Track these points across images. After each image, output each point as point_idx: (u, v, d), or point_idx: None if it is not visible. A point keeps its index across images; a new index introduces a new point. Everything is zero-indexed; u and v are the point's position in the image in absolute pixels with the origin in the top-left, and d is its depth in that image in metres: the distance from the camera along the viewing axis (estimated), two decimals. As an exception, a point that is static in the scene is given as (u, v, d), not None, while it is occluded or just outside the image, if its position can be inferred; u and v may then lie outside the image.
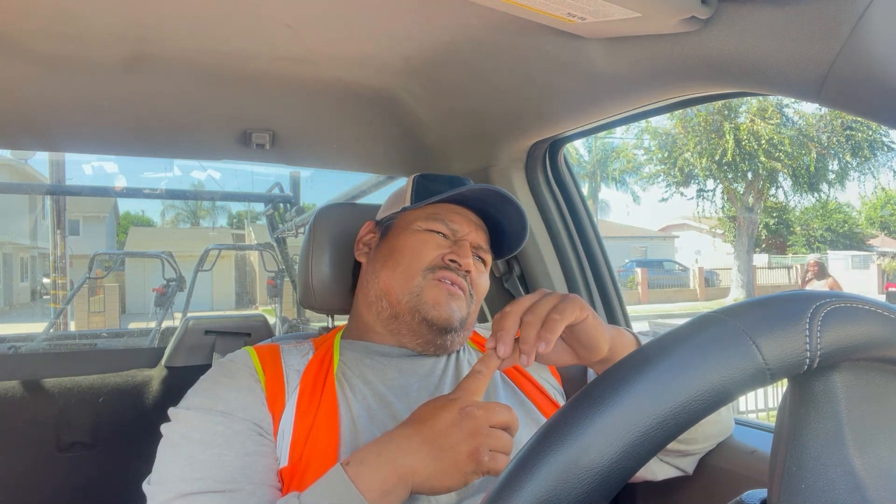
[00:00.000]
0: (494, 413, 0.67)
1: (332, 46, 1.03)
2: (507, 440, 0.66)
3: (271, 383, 0.84)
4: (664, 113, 1.03)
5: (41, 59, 1.04)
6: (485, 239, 0.98)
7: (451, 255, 0.91)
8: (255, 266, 16.93)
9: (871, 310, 0.37)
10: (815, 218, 24.60)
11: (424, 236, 0.93)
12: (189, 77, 1.14)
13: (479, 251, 0.97)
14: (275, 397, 0.82)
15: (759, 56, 0.68)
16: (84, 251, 9.22)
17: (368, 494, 0.62)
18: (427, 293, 0.89)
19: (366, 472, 0.65)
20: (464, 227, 0.95)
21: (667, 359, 0.36)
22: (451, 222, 0.94)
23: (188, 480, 0.71)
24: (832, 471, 0.37)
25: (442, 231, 0.94)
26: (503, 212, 0.97)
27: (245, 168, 11.33)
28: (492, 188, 0.92)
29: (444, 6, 0.87)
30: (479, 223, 0.98)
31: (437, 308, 0.88)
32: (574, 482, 0.33)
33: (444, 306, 0.88)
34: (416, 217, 0.95)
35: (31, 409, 1.52)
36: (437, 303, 0.88)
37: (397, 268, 0.92)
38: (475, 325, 1.08)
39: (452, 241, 0.94)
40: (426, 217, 0.95)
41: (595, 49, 0.86)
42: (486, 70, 1.05)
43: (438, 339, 0.90)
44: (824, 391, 0.38)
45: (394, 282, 0.91)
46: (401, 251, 0.93)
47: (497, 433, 0.65)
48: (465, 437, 0.64)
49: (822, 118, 15.75)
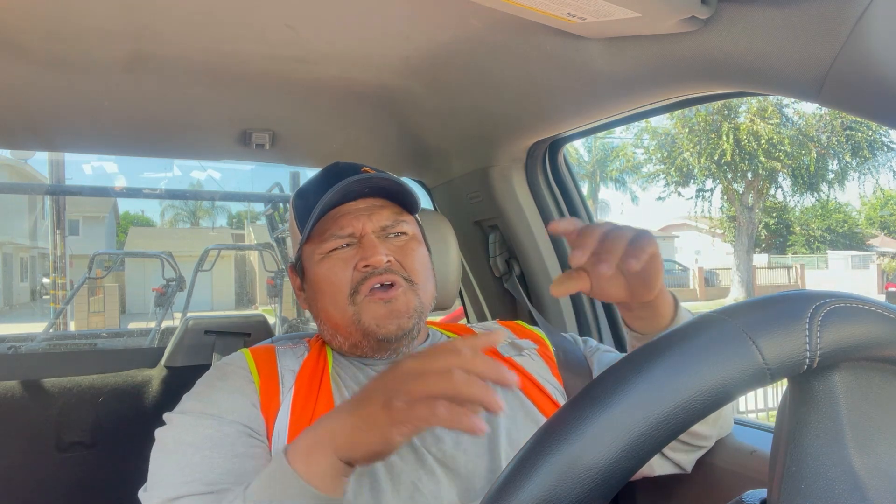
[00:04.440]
0: (430, 358, 0.57)
1: (331, 46, 1.03)
2: (435, 384, 0.55)
3: (266, 385, 0.85)
4: (664, 113, 1.03)
5: (41, 59, 1.04)
6: (390, 211, 0.90)
7: (362, 261, 0.85)
8: (255, 266, 16.93)
9: (870, 310, 0.37)
10: (814, 218, 24.60)
11: (329, 262, 0.88)
12: (189, 77, 1.14)
13: (389, 228, 0.89)
14: (269, 399, 0.83)
15: (759, 56, 0.68)
16: (84, 251, 9.22)
17: (296, 463, 0.60)
18: (365, 316, 0.84)
19: (296, 443, 0.63)
20: (355, 224, 0.88)
21: (667, 358, 0.36)
22: (341, 230, 0.88)
23: (177, 484, 0.71)
24: (832, 471, 0.37)
25: (340, 244, 0.88)
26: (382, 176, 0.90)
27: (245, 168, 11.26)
28: (348, 181, 0.85)
29: (444, 6, 0.87)
30: (371, 204, 0.90)
31: (382, 326, 0.84)
32: (574, 482, 0.33)
33: (386, 320, 0.84)
34: (313, 246, 0.90)
35: (31, 409, 1.52)
36: (379, 321, 0.84)
37: (328, 305, 0.88)
38: (473, 324, 1.08)
39: (357, 244, 0.88)
40: (319, 240, 0.89)
41: (595, 49, 0.86)
42: (486, 70, 1.05)
43: (404, 341, 0.87)
44: (824, 391, 0.38)
45: (334, 318, 0.88)
46: (320, 289, 0.89)
47: (423, 378, 0.56)
48: (380, 388, 0.59)
49: (822, 118, 15.75)
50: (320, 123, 1.42)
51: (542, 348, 1.02)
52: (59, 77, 1.11)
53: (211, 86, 1.19)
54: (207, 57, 1.06)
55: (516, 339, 1.02)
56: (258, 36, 0.98)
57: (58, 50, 1.01)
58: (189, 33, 0.97)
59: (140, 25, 0.94)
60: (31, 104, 1.21)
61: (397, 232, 0.90)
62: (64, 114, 1.27)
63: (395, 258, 0.88)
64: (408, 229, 0.91)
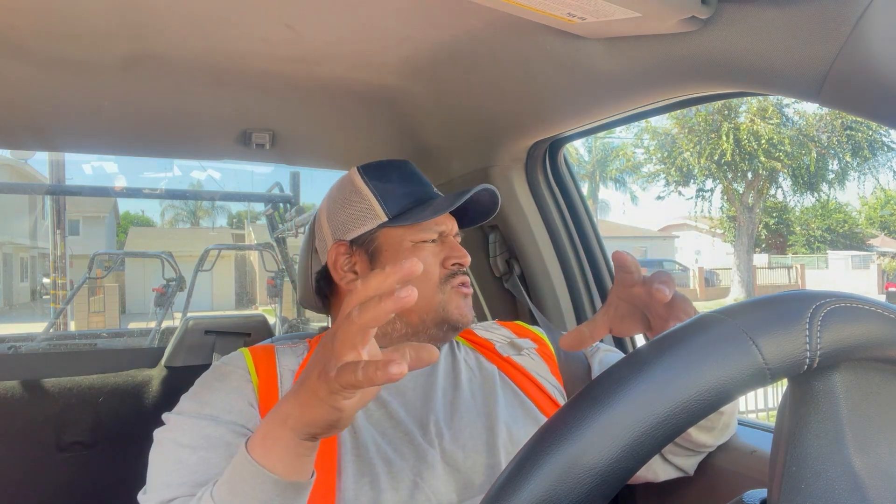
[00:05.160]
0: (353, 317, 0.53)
1: (332, 46, 1.03)
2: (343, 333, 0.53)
3: (264, 385, 0.85)
4: (664, 113, 1.03)
5: (41, 59, 1.04)
6: (454, 221, 1.00)
7: (452, 259, 0.94)
8: (255, 266, 16.93)
9: (871, 310, 0.37)
10: (814, 218, 24.60)
11: (423, 251, 0.93)
12: (189, 77, 1.14)
13: (457, 236, 1.00)
14: (267, 399, 0.83)
15: (759, 56, 0.68)
16: (84, 251, 9.22)
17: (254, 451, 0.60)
18: (451, 305, 0.92)
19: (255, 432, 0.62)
20: (448, 224, 0.97)
21: (667, 359, 0.36)
22: (437, 225, 0.95)
23: (174, 486, 0.72)
24: (832, 471, 0.37)
25: (432, 237, 0.95)
26: None
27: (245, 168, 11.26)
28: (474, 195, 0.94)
29: (444, 6, 0.87)
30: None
31: (463, 315, 0.93)
32: (574, 482, 0.33)
33: (466, 311, 0.94)
34: (403, 232, 0.94)
35: (31, 409, 1.52)
36: (461, 310, 0.93)
37: None
38: (482, 324, 1.08)
39: (440, 241, 0.96)
40: (417, 229, 0.94)
41: (595, 49, 0.86)
42: (487, 70, 1.05)
43: (449, 336, 0.95)
44: (824, 391, 0.38)
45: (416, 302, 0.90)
46: None
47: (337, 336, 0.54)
48: (316, 360, 0.58)
49: (822, 118, 15.75)
50: (320, 123, 1.41)
51: (542, 347, 1.02)
52: (59, 77, 1.11)
53: (211, 86, 1.19)
54: (207, 57, 1.06)
55: (516, 339, 1.03)
56: (258, 36, 0.98)
57: (58, 50, 1.01)
58: (189, 33, 0.97)
59: (140, 25, 0.94)
60: (31, 104, 1.21)
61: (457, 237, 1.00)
62: (64, 114, 1.27)
63: None
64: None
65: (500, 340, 1.02)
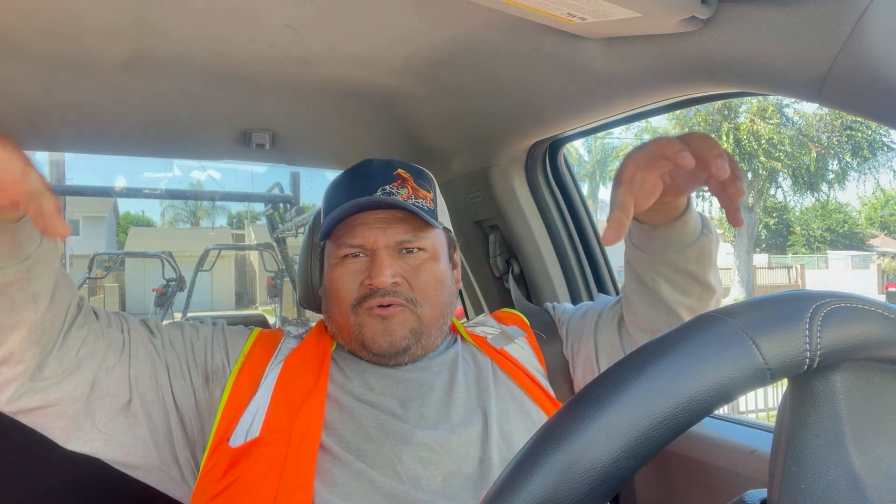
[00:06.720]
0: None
1: (332, 46, 1.03)
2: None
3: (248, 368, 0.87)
4: (664, 113, 1.03)
5: (41, 59, 1.04)
6: (410, 226, 0.88)
7: (368, 279, 0.86)
8: (255, 266, 16.93)
9: (871, 310, 0.37)
10: (814, 218, 24.59)
11: (340, 271, 0.88)
12: (189, 77, 1.14)
13: (406, 244, 0.88)
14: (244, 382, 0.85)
15: (759, 56, 0.68)
16: (84, 251, 9.22)
17: None
18: (364, 329, 0.86)
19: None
20: (367, 236, 0.87)
21: (667, 358, 0.36)
22: (352, 239, 0.87)
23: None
24: (832, 471, 0.37)
25: (353, 252, 0.88)
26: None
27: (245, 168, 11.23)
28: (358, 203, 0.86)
29: (444, 6, 0.87)
30: (392, 216, 0.88)
31: (376, 341, 0.86)
32: (574, 482, 0.33)
33: (381, 337, 0.86)
34: (331, 246, 0.90)
35: None
36: (374, 336, 0.86)
37: (334, 309, 0.91)
38: (473, 321, 1.08)
39: (371, 256, 0.87)
40: (336, 244, 0.89)
41: (595, 49, 0.86)
42: (487, 70, 1.05)
43: (400, 357, 0.88)
44: (824, 391, 0.38)
45: (339, 321, 0.90)
46: (331, 290, 0.90)
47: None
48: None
49: (822, 118, 15.74)
50: (320, 123, 1.41)
51: (529, 336, 1.04)
52: (60, 77, 1.11)
53: (211, 86, 1.19)
54: (207, 57, 1.06)
55: (505, 328, 1.03)
56: (258, 36, 0.98)
57: (58, 50, 1.01)
58: (189, 33, 0.97)
59: (140, 25, 0.94)
60: (32, 104, 1.21)
61: (415, 248, 0.89)
62: (64, 114, 1.27)
63: (404, 277, 0.87)
64: (426, 245, 0.90)
65: (492, 332, 1.02)
